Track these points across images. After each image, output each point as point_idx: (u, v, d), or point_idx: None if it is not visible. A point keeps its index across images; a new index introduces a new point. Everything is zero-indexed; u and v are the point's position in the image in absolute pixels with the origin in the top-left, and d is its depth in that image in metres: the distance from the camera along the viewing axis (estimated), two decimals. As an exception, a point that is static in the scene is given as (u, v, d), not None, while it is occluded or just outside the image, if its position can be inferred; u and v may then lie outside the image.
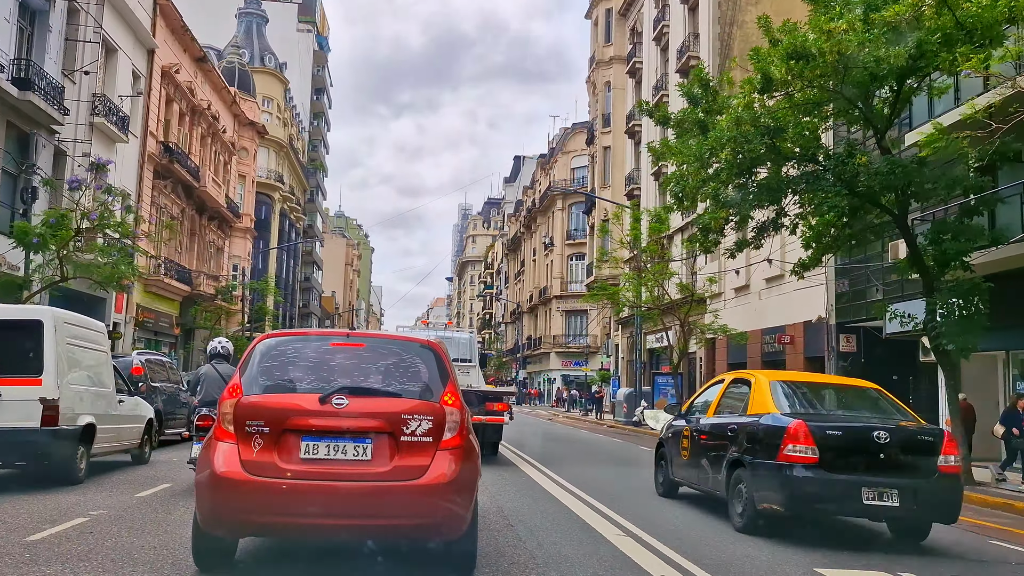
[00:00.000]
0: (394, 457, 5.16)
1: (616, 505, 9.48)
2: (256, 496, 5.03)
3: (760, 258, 26.62)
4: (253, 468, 5.06)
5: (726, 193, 13.77)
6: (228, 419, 5.23)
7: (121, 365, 14.05)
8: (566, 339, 67.67)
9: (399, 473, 5.12)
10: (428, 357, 5.68)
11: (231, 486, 5.04)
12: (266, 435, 5.14)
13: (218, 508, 5.15)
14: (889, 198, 13.83)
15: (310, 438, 5.16)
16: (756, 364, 27.62)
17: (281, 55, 68.36)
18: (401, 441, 5.18)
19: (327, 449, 5.15)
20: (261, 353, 5.63)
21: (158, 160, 33.59)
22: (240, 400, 5.29)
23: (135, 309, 32.11)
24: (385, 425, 5.21)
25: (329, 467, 5.11)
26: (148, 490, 9.55)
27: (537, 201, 75.39)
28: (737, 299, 28.91)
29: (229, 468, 5.06)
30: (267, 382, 5.45)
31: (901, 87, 13.01)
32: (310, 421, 5.19)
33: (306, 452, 5.13)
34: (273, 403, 5.29)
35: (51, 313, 9.75)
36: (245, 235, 49.08)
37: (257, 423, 5.16)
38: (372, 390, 5.42)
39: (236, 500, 5.06)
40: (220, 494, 5.10)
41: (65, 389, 9.45)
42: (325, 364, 5.56)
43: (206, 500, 5.18)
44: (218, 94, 42.71)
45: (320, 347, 5.79)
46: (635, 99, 44.76)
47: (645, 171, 41.32)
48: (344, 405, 5.21)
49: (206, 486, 5.15)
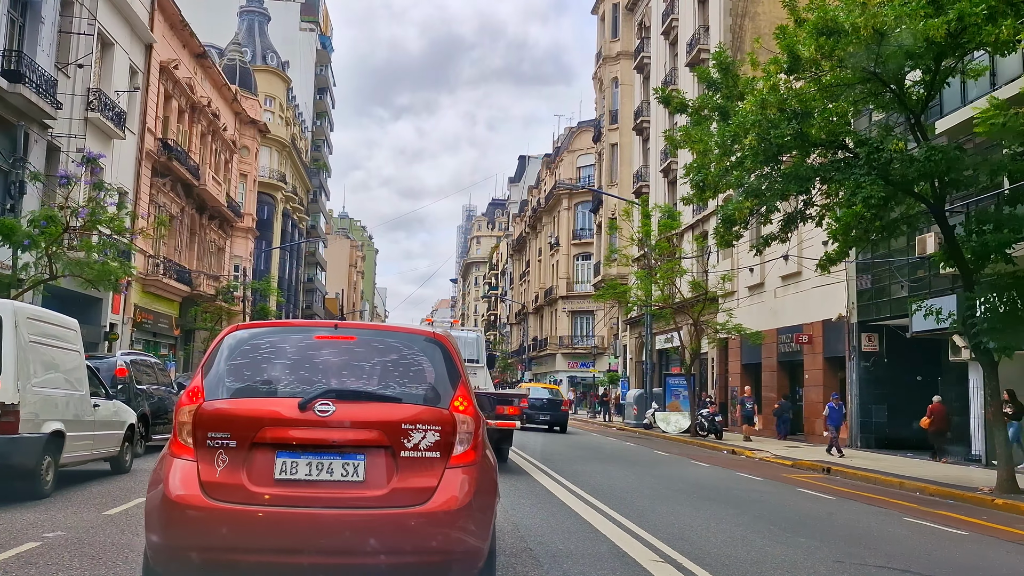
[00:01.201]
0: (393, 477, 4.11)
1: (646, 522, 8.63)
2: (219, 527, 3.96)
3: (776, 255, 25.77)
4: (216, 491, 4.01)
5: (751, 182, 12.92)
6: (186, 430, 4.16)
7: (104, 366, 13.25)
8: (572, 340, 66.77)
9: (399, 497, 4.07)
10: (435, 353, 4.56)
11: (188, 513, 3.98)
12: (232, 450, 4.08)
13: (171, 540, 4.06)
14: (924, 187, 12.97)
15: (287, 454, 4.10)
16: (772, 365, 26.76)
17: (283, 54, 67.67)
18: (401, 457, 4.14)
19: (308, 468, 4.10)
20: (229, 348, 4.51)
21: (156, 157, 32.85)
22: (201, 406, 4.21)
23: (133, 310, 31.36)
24: (382, 437, 4.15)
25: (311, 490, 4.05)
26: (118, 507, 8.41)
27: (542, 201, 74.54)
28: (751, 298, 28.03)
29: (186, 491, 4.01)
30: (235, 384, 4.37)
31: (939, 67, 12.14)
32: (288, 432, 4.11)
33: (282, 472, 4.07)
34: (242, 410, 4.21)
35: (11, 307, 8.62)
36: (247, 235, 48.33)
37: (222, 435, 4.11)
38: (365, 394, 4.34)
39: (193, 531, 3.99)
40: (174, 523, 4.02)
41: (28, 393, 8.46)
42: (308, 362, 4.46)
43: (156, 530, 4.09)
44: (218, 91, 41.98)
45: (302, 341, 4.61)
46: (643, 95, 43.95)
47: (654, 168, 40.48)
48: (330, 412, 4.15)
49: (157, 513, 4.08)
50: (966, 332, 13.26)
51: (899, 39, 11.25)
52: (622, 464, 16.62)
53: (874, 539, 8.49)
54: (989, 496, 12.12)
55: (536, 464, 14.49)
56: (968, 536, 9.22)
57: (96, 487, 9.91)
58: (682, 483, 13.39)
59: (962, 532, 9.44)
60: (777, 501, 11.54)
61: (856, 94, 12.96)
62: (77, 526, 7.32)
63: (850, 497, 12.27)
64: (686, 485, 13.05)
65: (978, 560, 8.01)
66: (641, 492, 11.55)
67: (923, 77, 12.57)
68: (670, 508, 9.90)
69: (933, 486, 13.37)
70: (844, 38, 11.38)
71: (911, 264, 19.59)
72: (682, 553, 7.01)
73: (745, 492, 12.53)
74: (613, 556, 6.87)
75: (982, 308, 12.61)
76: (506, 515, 8.52)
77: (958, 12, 10.56)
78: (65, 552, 6.19)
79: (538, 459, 15.35)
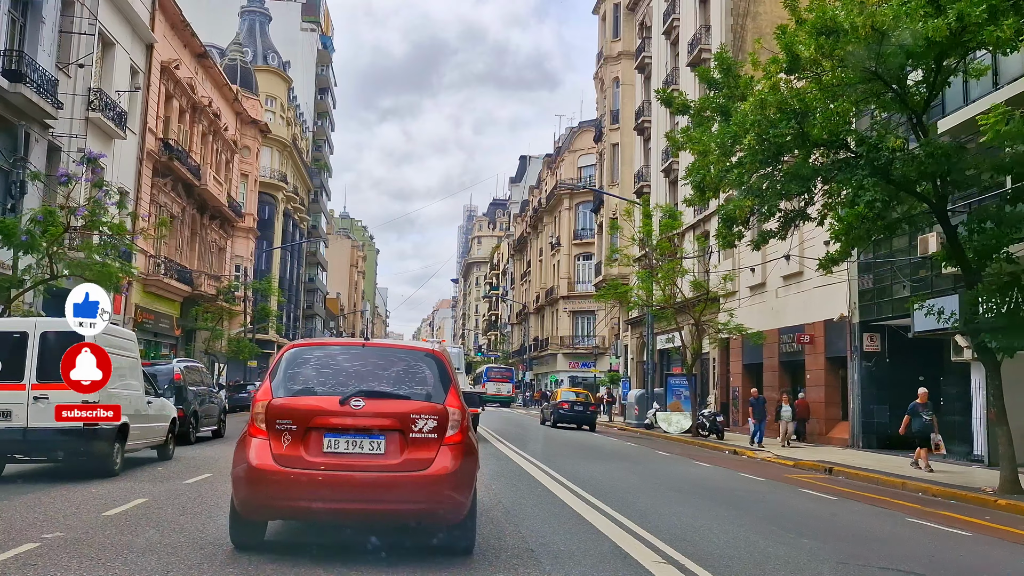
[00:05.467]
0: (404, 451, 5.82)
1: (648, 522, 8.60)
2: (285, 484, 5.71)
3: (778, 255, 25.74)
4: (283, 460, 5.76)
5: (751, 181, 12.88)
6: (260, 418, 5.90)
7: (163, 371, 16.54)
8: (573, 340, 66.72)
9: (408, 465, 5.78)
10: (432, 364, 6.29)
11: (264, 476, 5.73)
12: (293, 432, 5.82)
13: (253, 496, 5.86)
14: (926, 187, 12.93)
15: (332, 435, 5.85)
16: (773, 365, 26.73)
17: (284, 54, 67.66)
18: (410, 437, 5.84)
19: (347, 444, 5.84)
20: (287, 360, 6.28)
21: (157, 157, 32.85)
22: (271, 402, 5.95)
23: (134, 310, 31.36)
24: (396, 424, 5.86)
25: (348, 460, 5.80)
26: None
27: (543, 201, 74.51)
28: (752, 298, 27.99)
29: (262, 461, 5.76)
30: (293, 386, 6.10)
31: (940, 66, 12.10)
32: (332, 420, 5.85)
33: (328, 447, 5.82)
34: (300, 405, 5.95)
35: None
36: (248, 235, 48.32)
37: (286, 422, 5.84)
38: (385, 393, 6.04)
39: (268, 488, 5.76)
40: (255, 483, 5.79)
41: (105, 391, 10.07)
42: (344, 370, 6.19)
43: (243, 489, 5.88)
44: (219, 91, 41.97)
45: (339, 354, 6.48)
46: (644, 95, 43.91)
47: (655, 168, 40.45)
48: (361, 406, 5.88)
49: (243, 477, 5.83)
50: (968, 332, 13.22)
51: (900, 39, 11.21)
52: (623, 463, 16.59)
53: (877, 540, 8.46)
54: (992, 497, 12.08)
55: (537, 464, 14.45)
56: (971, 537, 9.19)
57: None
58: (684, 483, 13.37)
59: (965, 533, 9.41)
60: (779, 501, 11.52)
61: (857, 94, 12.91)
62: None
63: (852, 498, 12.24)
64: (688, 485, 13.03)
65: (981, 561, 7.98)
66: (643, 491, 11.54)
67: (925, 77, 12.52)
68: (672, 508, 9.88)
69: (936, 487, 13.33)
70: (844, 38, 11.35)
71: (913, 264, 19.55)
72: (684, 554, 6.98)
73: (747, 493, 12.51)
74: (615, 556, 6.85)
75: (984, 308, 12.57)
76: (508, 516, 8.50)
77: (958, 12, 10.52)
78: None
79: (540, 459, 15.31)
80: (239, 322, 42.40)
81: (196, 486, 10.20)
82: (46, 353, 10.34)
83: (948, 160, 11.70)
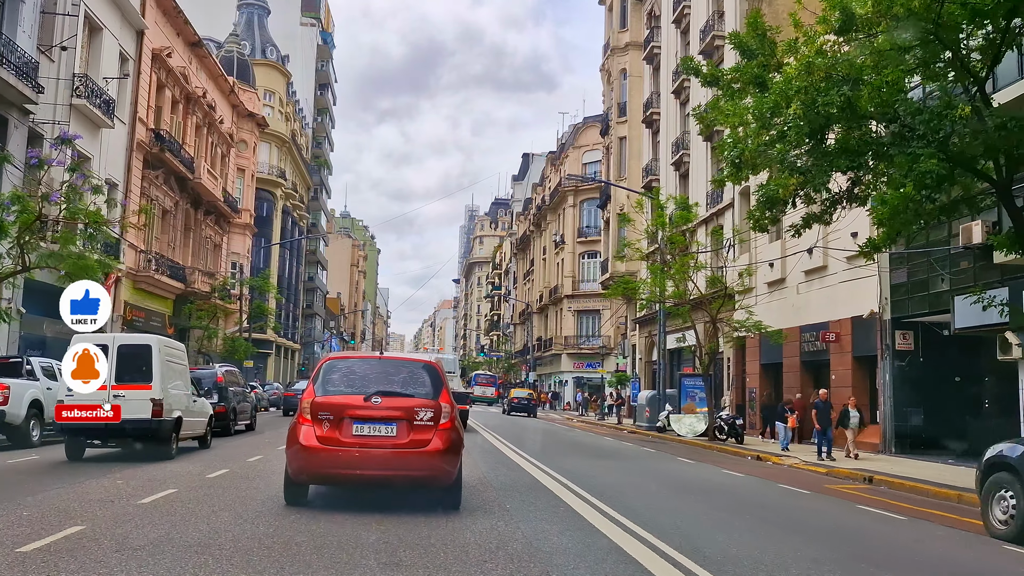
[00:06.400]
0: (409, 434, 7.91)
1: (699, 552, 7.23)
2: (326, 458, 7.86)
3: (800, 249, 24.37)
4: (324, 441, 7.86)
5: (795, 155, 11.51)
6: (307, 411, 7.99)
7: (207, 375, 20.19)
8: (578, 340, 65.27)
9: (413, 444, 7.90)
10: (430, 371, 8.45)
11: (311, 452, 7.85)
12: (330, 421, 7.90)
13: (302, 466, 8.01)
14: (986, 165, 11.57)
15: (358, 422, 7.94)
16: (794, 365, 25.34)
17: (284, 49, 66.33)
18: (414, 424, 7.93)
19: (369, 429, 7.94)
20: (325, 369, 8.49)
21: (148, 149, 31.51)
22: (314, 400, 8.05)
23: (123, 307, 30.01)
24: (404, 415, 7.96)
25: (370, 440, 7.92)
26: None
27: (547, 198, 73.11)
28: (771, 294, 26.59)
29: (309, 442, 7.83)
30: (330, 388, 8.23)
31: (1009, 25, 10.72)
32: (358, 412, 7.95)
33: (356, 431, 7.92)
34: (335, 401, 8.04)
35: (157, 339, 14.08)
36: (244, 231, 46.98)
37: (325, 413, 7.93)
38: (396, 392, 8.13)
39: (314, 461, 7.91)
40: (304, 457, 7.91)
41: (166, 392, 13.23)
42: (366, 376, 8.34)
43: (295, 461, 8.04)
44: (215, 82, 40.65)
45: (362, 364, 8.77)
46: (652, 86, 42.56)
47: (664, 161, 39.09)
48: (379, 402, 7.99)
49: (295, 453, 7.96)
50: None
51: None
52: (645, 474, 15.23)
53: None
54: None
55: (557, 478, 13.06)
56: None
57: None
58: (723, 498, 11.97)
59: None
60: (842, 523, 10.06)
61: (908, 62, 11.52)
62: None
63: (921, 516, 10.73)
64: (729, 501, 11.61)
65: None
66: (681, 511, 10.13)
67: (989, 40, 11.14)
68: (726, 535, 8.42)
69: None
70: (905, -9, 9.97)
71: (952, 255, 18.16)
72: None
73: (798, 510, 11.13)
74: None
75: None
76: (528, 544, 7.12)
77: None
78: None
79: (565, 476, 13.91)
80: (235, 320, 40.99)
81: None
82: (122, 361, 12.85)
83: (1022, 132, 10.31)
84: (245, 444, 17.52)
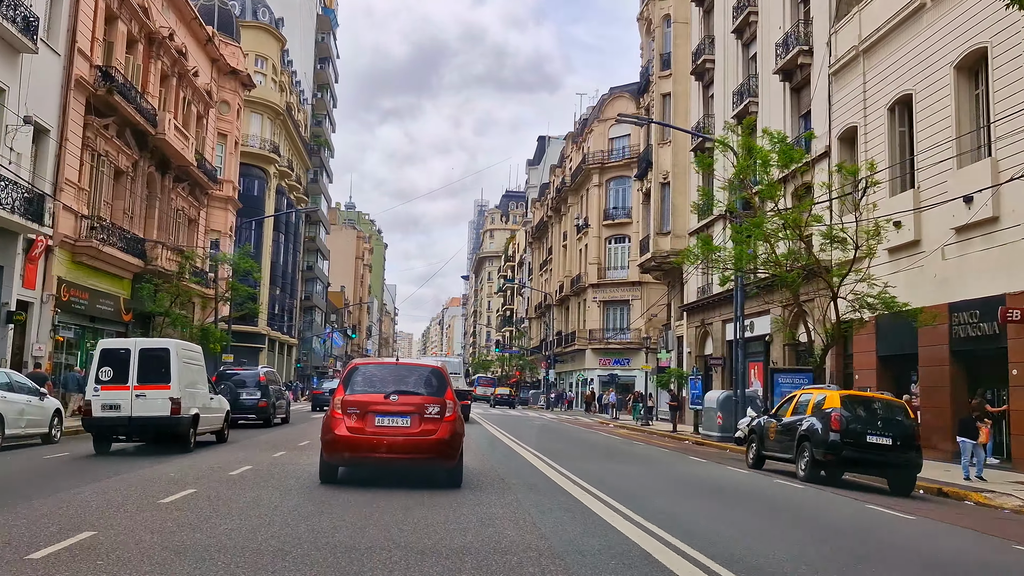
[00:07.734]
0: (420, 425, 10.27)
1: None
2: (354, 444, 10.19)
3: (942, 199, 17.93)
4: (353, 431, 10.21)
5: None
6: (338, 406, 10.37)
7: (250, 375, 24.73)
8: (605, 334, 58.67)
9: (423, 433, 10.22)
10: (437, 374, 10.87)
11: (342, 439, 10.18)
12: (357, 415, 10.28)
13: (335, 451, 10.33)
14: None
15: (380, 416, 10.28)
16: (939, 356, 18.75)
17: (278, 12, 60.13)
18: (424, 417, 10.28)
19: (388, 421, 10.30)
20: (351, 371, 10.99)
21: (92, 89, 25.23)
22: (344, 397, 10.43)
23: (56, 284, 23.74)
24: (416, 409, 10.31)
25: (389, 430, 10.28)
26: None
27: (568, 180, 66.59)
28: (896, 262, 20.07)
29: (340, 432, 10.20)
30: (356, 388, 10.62)
31: None
32: (379, 407, 10.31)
33: (378, 423, 10.27)
34: (361, 398, 10.40)
35: (175, 343, 15.97)
36: (227, 206, 40.71)
37: (353, 408, 10.32)
38: (410, 391, 10.52)
39: (345, 446, 10.24)
40: (337, 444, 10.23)
41: (183, 391, 14.80)
42: (386, 378, 10.86)
43: (329, 447, 10.33)
44: (187, 27, 34.35)
45: (383, 367, 11.52)
46: (703, 31, 36.07)
47: (720, 116, 32.58)
48: (396, 399, 10.35)
49: (329, 440, 10.27)
50: None
51: None
52: (786, 524, 8.84)
53: None
54: None
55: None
56: None
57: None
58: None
59: None
60: None
61: None
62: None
63: None
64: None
65: None
66: None
67: None
68: None
69: None
70: None
71: None
72: None
73: None
74: None
75: None
76: None
77: None
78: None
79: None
80: (223, 309, 34.50)
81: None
82: (142, 363, 14.55)
83: None
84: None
